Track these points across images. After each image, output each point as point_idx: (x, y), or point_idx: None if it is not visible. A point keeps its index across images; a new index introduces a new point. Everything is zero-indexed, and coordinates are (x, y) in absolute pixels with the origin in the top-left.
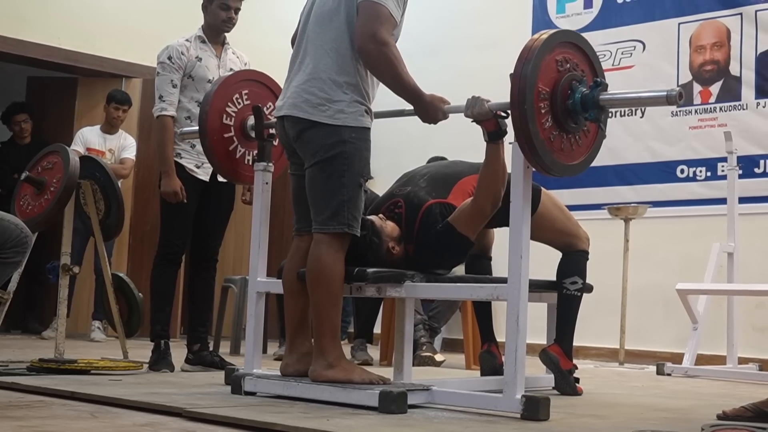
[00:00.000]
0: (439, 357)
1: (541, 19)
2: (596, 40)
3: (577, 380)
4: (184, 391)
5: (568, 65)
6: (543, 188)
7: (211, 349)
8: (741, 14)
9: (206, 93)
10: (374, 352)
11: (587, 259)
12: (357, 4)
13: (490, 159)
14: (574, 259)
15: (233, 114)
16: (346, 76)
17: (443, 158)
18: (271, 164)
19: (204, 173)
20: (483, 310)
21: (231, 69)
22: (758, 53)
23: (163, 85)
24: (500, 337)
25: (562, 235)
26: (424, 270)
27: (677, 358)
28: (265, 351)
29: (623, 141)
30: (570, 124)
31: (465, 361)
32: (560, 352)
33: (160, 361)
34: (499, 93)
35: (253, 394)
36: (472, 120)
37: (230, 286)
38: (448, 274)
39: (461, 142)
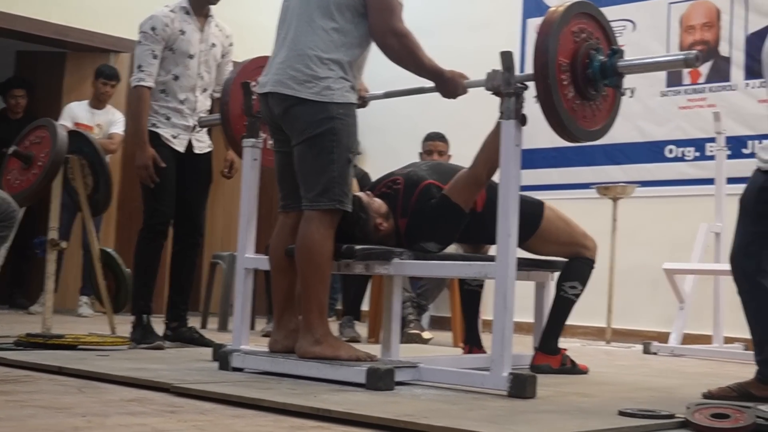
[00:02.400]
0: (426, 334)
1: None
2: None
3: (572, 362)
4: (172, 367)
5: (584, 35)
6: (545, 202)
7: (190, 325)
8: None
9: (225, 83)
10: (362, 329)
11: (592, 267)
12: None
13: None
14: (579, 266)
15: (253, 100)
16: (331, 53)
17: (440, 134)
18: (260, 140)
19: (180, 144)
20: (470, 310)
21: (213, 44)
22: (748, 34)
23: (144, 55)
24: (488, 315)
25: (569, 246)
26: (416, 242)
27: (663, 338)
28: (252, 327)
29: None
30: (591, 92)
31: (452, 338)
32: (546, 357)
33: (149, 335)
34: (477, 72)
35: (240, 370)
36: (492, 92)
37: (218, 263)
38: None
39: (450, 120)
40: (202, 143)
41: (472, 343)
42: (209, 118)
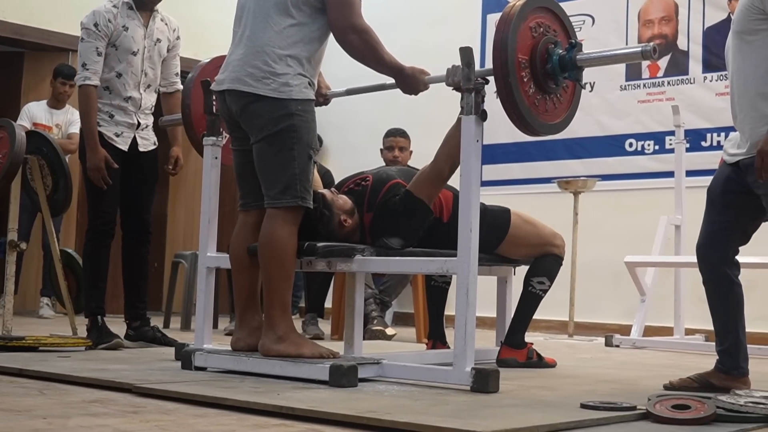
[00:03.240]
0: (389, 331)
1: None
2: None
3: (539, 355)
4: (134, 367)
5: (542, 29)
6: (510, 208)
7: (152, 324)
8: None
9: (184, 87)
10: (325, 326)
11: (560, 264)
12: None
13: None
14: (548, 262)
15: (214, 102)
16: (289, 49)
17: (401, 130)
18: (221, 139)
19: (123, 143)
20: (436, 306)
21: (158, 39)
22: (705, 28)
23: (88, 52)
24: (451, 310)
25: (539, 247)
26: (379, 237)
27: (625, 330)
28: (215, 326)
29: None
30: (551, 86)
31: (416, 334)
32: (512, 351)
33: (105, 336)
34: (436, 68)
35: (203, 369)
36: (453, 88)
37: (180, 262)
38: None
39: (411, 116)
40: (147, 141)
41: (436, 338)
42: (171, 119)
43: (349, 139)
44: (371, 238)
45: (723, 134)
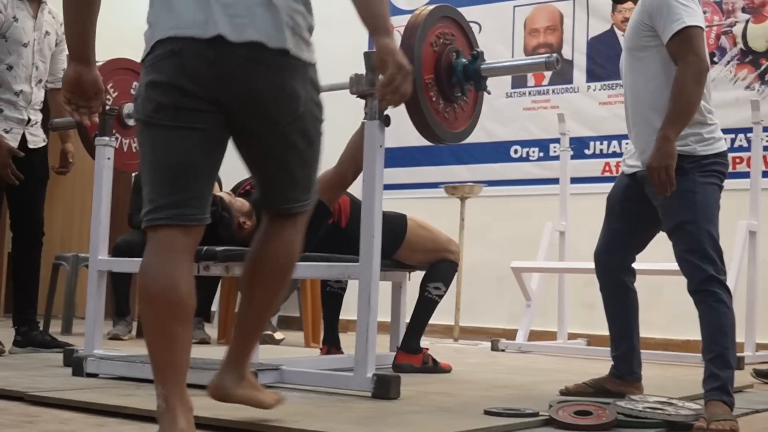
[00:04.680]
0: (278, 335)
1: None
2: None
3: (435, 361)
4: (23, 374)
5: (442, 40)
6: (406, 214)
7: (41, 328)
8: None
9: None
10: (211, 330)
11: (455, 270)
12: None
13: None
14: (443, 268)
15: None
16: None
17: None
18: (113, 139)
19: (13, 139)
20: (331, 312)
21: (47, 32)
22: (589, 38)
23: None
24: (350, 315)
25: (435, 252)
26: None
27: (510, 334)
28: None
29: None
30: (456, 94)
31: (304, 339)
32: (408, 356)
33: None
34: (335, 71)
35: (95, 375)
36: (357, 96)
37: (62, 264)
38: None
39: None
40: (37, 137)
41: (330, 344)
42: (63, 122)
43: None
44: None
45: (606, 142)
